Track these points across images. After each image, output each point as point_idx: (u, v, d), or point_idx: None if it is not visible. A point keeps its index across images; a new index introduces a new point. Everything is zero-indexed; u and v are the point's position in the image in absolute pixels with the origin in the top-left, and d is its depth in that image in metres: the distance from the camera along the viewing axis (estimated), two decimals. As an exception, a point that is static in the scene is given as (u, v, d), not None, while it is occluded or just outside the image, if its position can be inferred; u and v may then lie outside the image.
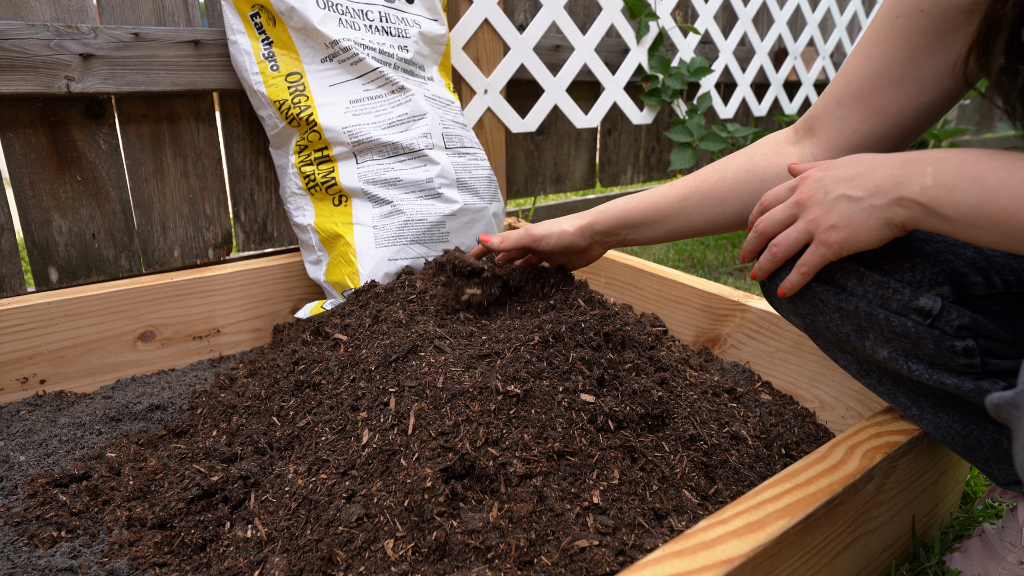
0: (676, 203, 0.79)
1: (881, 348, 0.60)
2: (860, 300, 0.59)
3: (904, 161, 0.53)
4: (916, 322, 0.56)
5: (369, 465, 0.65)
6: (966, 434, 0.62)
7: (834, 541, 0.59)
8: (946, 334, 0.56)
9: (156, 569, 0.64)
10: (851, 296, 0.60)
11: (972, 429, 0.62)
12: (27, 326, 0.95)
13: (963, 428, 0.62)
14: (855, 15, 2.73)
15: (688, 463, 0.70)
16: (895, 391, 0.65)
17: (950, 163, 0.50)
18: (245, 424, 0.82)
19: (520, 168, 1.84)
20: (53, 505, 0.72)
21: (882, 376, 0.65)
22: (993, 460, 0.62)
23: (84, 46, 1.07)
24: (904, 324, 0.57)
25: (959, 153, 0.51)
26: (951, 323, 0.55)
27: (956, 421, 0.62)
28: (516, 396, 0.67)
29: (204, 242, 1.31)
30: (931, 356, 0.57)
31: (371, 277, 1.09)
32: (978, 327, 0.55)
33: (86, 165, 1.16)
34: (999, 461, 0.62)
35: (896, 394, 0.65)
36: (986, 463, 0.63)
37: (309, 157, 1.16)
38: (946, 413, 0.62)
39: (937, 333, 0.56)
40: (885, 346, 0.60)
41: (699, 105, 1.97)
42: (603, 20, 1.75)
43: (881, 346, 0.60)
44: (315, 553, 0.59)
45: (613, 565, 0.54)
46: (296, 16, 1.11)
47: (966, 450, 0.63)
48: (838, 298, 0.60)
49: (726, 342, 1.06)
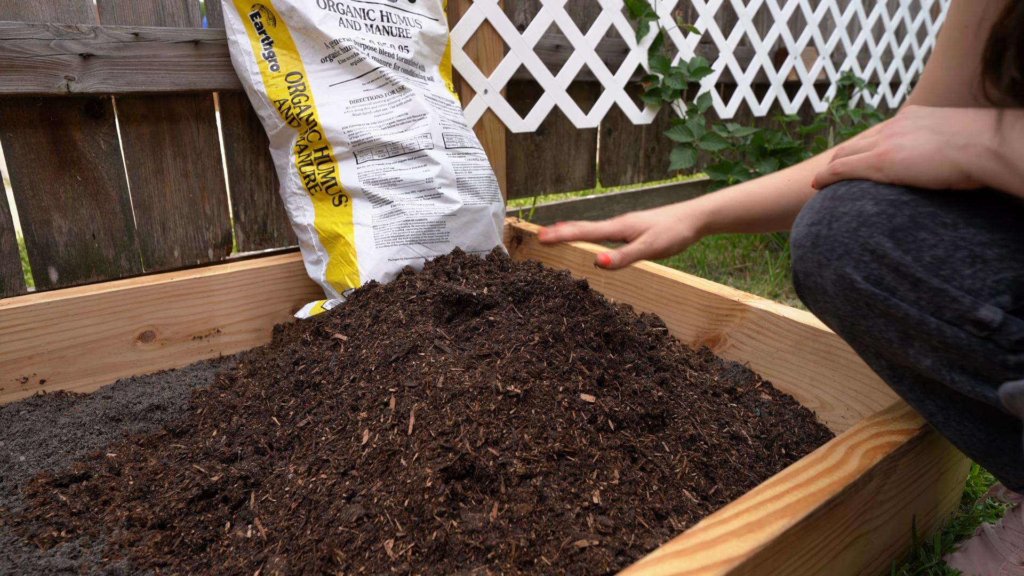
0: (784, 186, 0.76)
1: (926, 357, 0.56)
2: (912, 307, 0.54)
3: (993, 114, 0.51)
4: (970, 333, 0.53)
5: (369, 465, 0.65)
6: (988, 442, 0.60)
7: (834, 541, 0.59)
8: (1000, 347, 0.52)
9: (156, 569, 0.64)
10: (902, 302, 0.55)
11: (995, 439, 0.60)
12: (27, 326, 0.95)
13: (986, 436, 0.60)
14: (855, 15, 2.72)
15: (688, 463, 0.70)
16: (924, 398, 0.63)
17: None
18: (245, 424, 0.82)
19: (520, 168, 1.84)
20: (53, 505, 0.72)
21: (914, 383, 0.63)
22: (1011, 466, 0.61)
23: (84, 46, 1.07)
24: (956, 335, 0.53)
25: None
26: (1009, 337, 0.51)
27: (980, 430, 0.60)
28: (516, 396, 0.67)
29: (204, 242, 1.31)
30: (978, 368, 0.54)
31: (371, 277, 1.09)
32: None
33: (86, 165, 1.16)
34: (1015, 467, 0.61)
35: (925, 401, 0.63)
36: (1002, 468, 0.61)
37: (309, 157, 1.16)
38: (972, 422, 0.61)
39: (991, 346, 0.52)
40: (930, 355, 0.56)
41: (699, 105, 1.97)
42: (603, 20, 1.75)
43: (926, 355, 0.56)
44: (315, 553, 0.59)
45: (613, 565, 0.54)
46: (296, 16, 1.11)
47: (984, 457, 0.62)
48: (887, 303, 0.56)
49: (726, 342, 1.06)
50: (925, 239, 0.53)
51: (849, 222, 0.57)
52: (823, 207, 0.59)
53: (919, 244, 0.53)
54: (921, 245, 0.53)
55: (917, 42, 2.97)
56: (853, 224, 0.56)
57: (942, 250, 0.53)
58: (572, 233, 0.82)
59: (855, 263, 0.56)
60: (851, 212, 0.57)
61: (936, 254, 0.53)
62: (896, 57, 2.85)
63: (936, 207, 0.54)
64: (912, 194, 0.55)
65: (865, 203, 0.56)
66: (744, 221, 0.81)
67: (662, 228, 0.80)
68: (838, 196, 0.58)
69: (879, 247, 0.55)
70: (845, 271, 0.57)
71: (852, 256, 0.56)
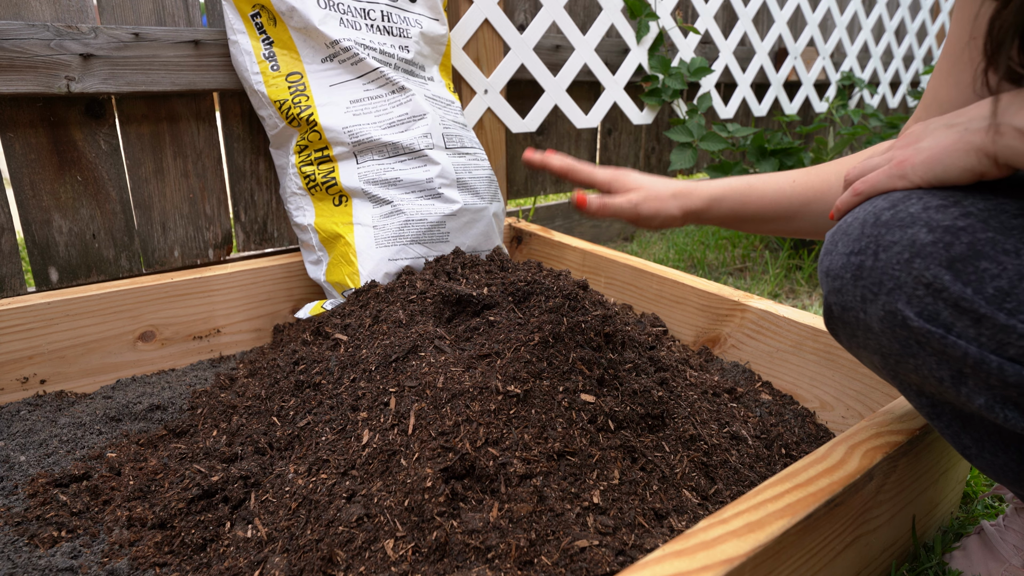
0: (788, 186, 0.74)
1: (979, 396, 0.52)
2: (971, 344, 0.49)
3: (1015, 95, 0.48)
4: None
5: (369, 465, 0.65)
6: (1019, 471, 0.58)
7: (834, 541, 0.59)
8: None
9: (156, 569, 0.64)
10: (959, 339, 0.50)
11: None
12: (27, 326, 0.95)
13: (1018, 466, 0.57)
14: (855, 15, 2.73)
15: (688, 463, 0.70)
16: (962, 433, 0.59)
17: None
18: (245, 424, 0.82)
19: (520, 168, 1.84)
20: (53, 505, 0.72)
21: (952, 418, 0.59)
22: None
23: (84, 46, 1.07)
24: (1019, 373, 0.48)
25: None
26: None
27: (1014, 460, 0.57)
28: (516, 396, 0.67)
29: (204, 242, 1.31)
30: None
31: (371, 277, 1.09)
32: None
33: (86, 165, 1.16)
34: None
35: (962, 436, 0.59)
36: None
37: (309, 157, 1.16)
38: (1006, 453, 0.58)
39: None
40: (985, 393, 0.51)
41: (699, 105, 1.97)
42: (603, 20, 1.75)
43: (980, 393, 0.51)
44: (315, 553, 0.59)
45: (613, 565, 0.54)
46: (297, 16, 1.11)
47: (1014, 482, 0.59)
48: (943, 342, 0.50)
49: (726, 342, 1.06)
50: (987, 269, 0.48)
51: (900, 252, 0.51)
52: (865, 234, 0.54)
53: (980, 275, 0.48)
54: (983, 276, 0.48)
55: (917, 42, 2.97)
56: (905, 255, 0.51)
57: (1006, 281, 0.48)
58: (559, 166, 0.79)
59: (908, 298, 0.51)
60: (902, 241, 0.51)
61: (1000, 285, 0.48)
62: (896, 57, 2.85)
63: (995, 232, 0.49)
64: (969, 219, 0.50)
65: (918, 230, 0.51)
66: (741, 216, 0.79)
67: (652, 195, 0.77)
68: (882, 222, 0.53)
69: (937, 280, 0.49)
70: (896, 307, 0.52)
71: (905, 291, 0.51)
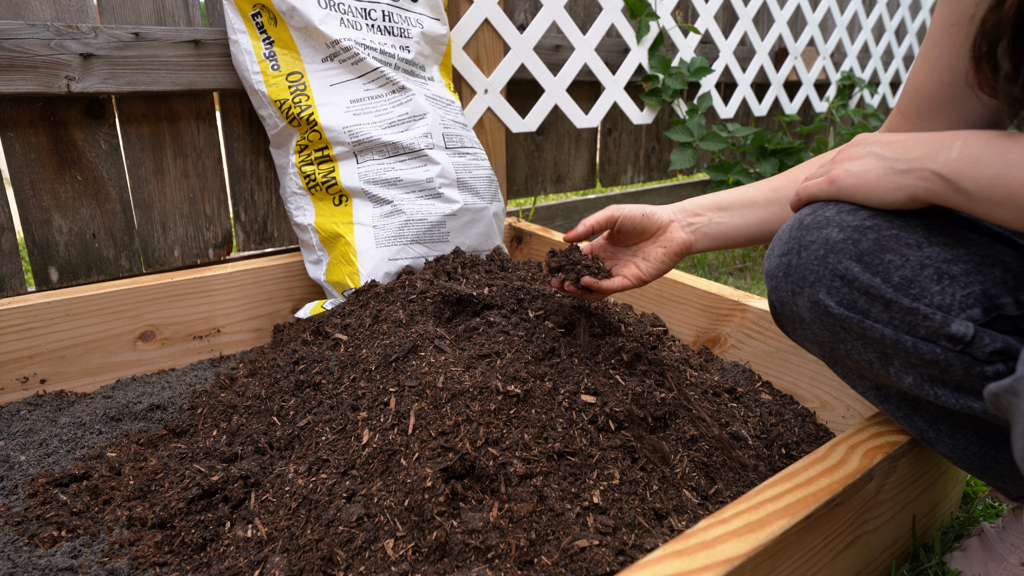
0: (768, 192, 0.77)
1: (906, 375, 0.58)
2: (886, 327, 0.56)
3: (938, 137, 0.53)
4: (946, 348, 0.54)
5: (369, 465, 0.65)
6: (982, 455, 0.61)
7: (834, 541, 0.59)
8: (977, 360, 0.53)
9: (156, 569, 0.64)
10: (876, 323, 0.56)
11: (989, 450, 0.60)
12: (27, 326, 0.95)
13: (979, 449, 0.61)
14: (855, 15, 2.72)
15: (688, 463, 0.70)
16: (913, 416, 0.63)
17: (979, 139, 0.50)
18: (245, 424, 0.82)
19: (520, 168, 1.84)
20: (53, 505, 0.72)
21: (900, 401, 0.64)
22: (1008, 476, 0.61)
23: (84, 46, 1.07)
24: (933, 351, 0.54)
25: (992, 132, 0.50)
26: (983, 349, 0.52)
27: (973, 443, 0.61)
28: (516, 396, 0.67)
29: (204, 242, 1.31)
30: (959, 381, 0.55)
31: (371, 277, 1.09)
32: (1010, 350, 0.53)
33: (86, 165, 1.16)
34: (1013, 477, 0.61)
35: (914, 419, 0.64)
36: (1000, 479, 0.62)
37: (309, 157, 1.16)
38: (963, 435, 0.61)
39: (967, 359, 0.53)
40: (910, 372, 0.57)
41: (699, 105, 1.97)
42: (603, 20, 1.75)
43: (906, 373, 0.57)
44: (315, 553, 0.59)
45: (613, 565, 0.54)
46: (297, 16, 1.11)
47: (980, 469, 0.62)
48: (862, 326, 0.57)
49: (726, 342, 1.06)
50: (892, 260, 0.55)
51: (817, 250, 0.58)
52: (791, 237, 0.61)
53: (887, 266, 0.55)
54: (889, 267, 0.55)
55: (917, 42, 2.97)
56: (821, 251, 0.58)
57: (909, 270, 0.54)
58: None
59: (827, 289, 0.58)
60: (818, 240, 0.58)
61: (904, 274, 0.54)
62: (896, 57, 2.85)
63: (899, 229, 0.56)
64: (875, 219, 0.56)
65: (830, 231, 0.57)
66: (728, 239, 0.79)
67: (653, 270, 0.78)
68: (804, 226, 0.60)
69: (848, 272, 0.56)
70: (818, 297, 0.58)
71: (823, 283, 0.58)
